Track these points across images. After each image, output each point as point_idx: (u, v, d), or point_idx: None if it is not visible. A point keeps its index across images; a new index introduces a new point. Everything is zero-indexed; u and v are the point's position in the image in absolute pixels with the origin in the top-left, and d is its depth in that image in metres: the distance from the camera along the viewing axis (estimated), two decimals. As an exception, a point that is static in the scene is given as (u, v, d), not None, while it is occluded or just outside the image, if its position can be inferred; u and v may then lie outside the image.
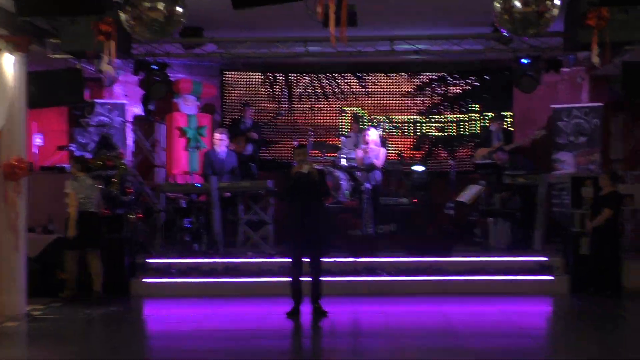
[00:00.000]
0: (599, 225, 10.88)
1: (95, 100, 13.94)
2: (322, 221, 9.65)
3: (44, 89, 10.74)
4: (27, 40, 9.95)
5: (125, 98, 14.51)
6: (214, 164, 12.93)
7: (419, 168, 13.97)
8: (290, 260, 9.76)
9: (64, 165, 13.14)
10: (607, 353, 7.82)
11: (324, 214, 9.76)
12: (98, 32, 9.15)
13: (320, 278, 9.65)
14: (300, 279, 9.61)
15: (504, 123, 14.16)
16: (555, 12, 7.27)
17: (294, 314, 9.59)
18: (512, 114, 14.99)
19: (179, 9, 7.56)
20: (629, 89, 11.02)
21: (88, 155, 13.05)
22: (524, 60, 12.27)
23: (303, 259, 9.59)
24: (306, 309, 9.66)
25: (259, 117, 15.27)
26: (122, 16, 7.59)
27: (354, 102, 15.45)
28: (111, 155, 12.31)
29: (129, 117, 14.21)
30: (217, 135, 13.25)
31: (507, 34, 7.74)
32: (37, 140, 13.82)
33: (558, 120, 14.31)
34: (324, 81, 15.45)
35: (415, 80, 15.36)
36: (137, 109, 14.38)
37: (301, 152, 9.67)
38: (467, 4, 10.60)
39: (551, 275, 11.40)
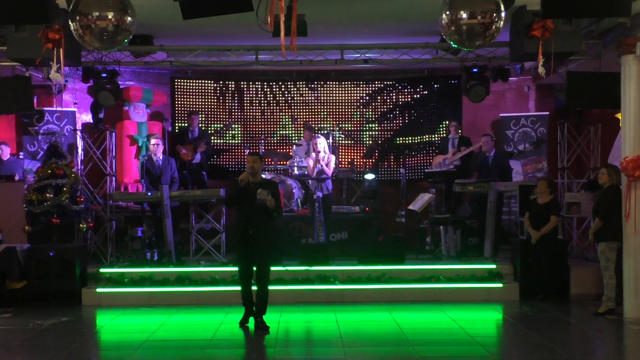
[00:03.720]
0: (545, 233, 11.09)
1: (45, 108, 13.78)
2: (270, 231, 9.54)
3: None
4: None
5: (75, 106, 14.36)
6: (151, 172, 12.85)
7: (369, 176, 14.07)
8: (237, 269, 9.72)
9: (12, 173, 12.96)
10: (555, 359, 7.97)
11: (271, 224, 9.64)
12: (46, 40, 9.07)
13: (266, 288, 9.43)
14: (250, 287, 9.54)
15: (459, 127, 14.28)
16: (501, 24, 7.38)
17: (246, 323, 9.58)
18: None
19: (129, 19, 7.50)
20: (573, 98, 11.28)
21: (37, 164, 12.93)
22: (473, 70, 12.46)
23: (251, 268, 9.50)
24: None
25: (210, 125, 15.21)
26: (71, 25, 7.51)
27: (306, 110, 15.46)
28: (61, 164, 12.18)
29: (79, 125, 14.06)
30: (152, 141, 13.16)
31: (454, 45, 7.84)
32: (-15, 148, 13.61)
33: (506, 129, 14.53)
34: (276, 89, 15.44)
35: (366, 88, 15.44)
36: (87, 117, 14.25)
37: (251, 159, 9.48)
38: (416, 15, 10.71)
39: (500, 283, 11.57)
